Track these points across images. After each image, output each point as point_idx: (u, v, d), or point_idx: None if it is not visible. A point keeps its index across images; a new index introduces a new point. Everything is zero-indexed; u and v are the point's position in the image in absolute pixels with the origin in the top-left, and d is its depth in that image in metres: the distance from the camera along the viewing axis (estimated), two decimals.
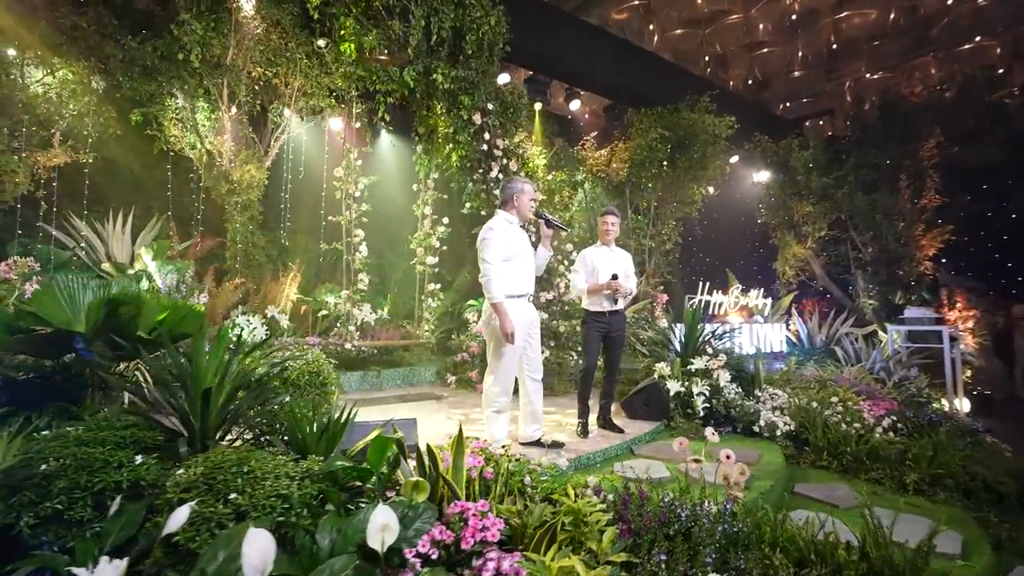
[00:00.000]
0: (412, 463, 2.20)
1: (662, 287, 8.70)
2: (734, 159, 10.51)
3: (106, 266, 5.75)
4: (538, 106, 7.92)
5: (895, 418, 4.08)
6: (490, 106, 5.80)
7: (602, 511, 1.93)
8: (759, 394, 4.69)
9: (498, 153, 6.05)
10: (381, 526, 1.47)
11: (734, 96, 11.80)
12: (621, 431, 4.04)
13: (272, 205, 6.81)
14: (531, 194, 3.44)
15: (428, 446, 2.16)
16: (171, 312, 2.54)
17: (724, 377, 4.51)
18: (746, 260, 11.76)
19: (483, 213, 6.10)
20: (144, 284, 5.64)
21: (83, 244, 5.95)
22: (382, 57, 5.32)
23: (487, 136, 5.90)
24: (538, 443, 3.58)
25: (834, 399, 4.28)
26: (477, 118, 5.76)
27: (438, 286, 6.88)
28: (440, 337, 6.93)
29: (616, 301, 3.98)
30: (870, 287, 9.14)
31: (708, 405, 4.37)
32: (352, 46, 4.83)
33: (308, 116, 6.57)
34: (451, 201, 7.35)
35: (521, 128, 6.40)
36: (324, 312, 6.93)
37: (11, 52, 5.07)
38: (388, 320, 7.57)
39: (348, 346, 6.02)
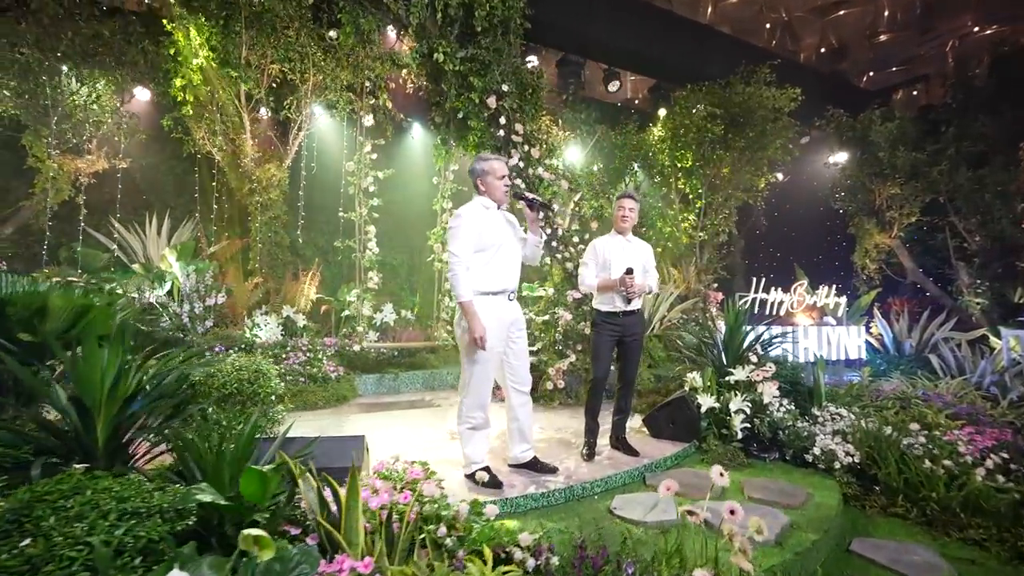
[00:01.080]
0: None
1: (715, 284, 7.76)
2: (804, 140, 9.25)
3: (135, 267, 5.92)
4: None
5: (1007, 454, 3.07)
6: (505, 88, 5.31)
7: None
8: (817, 413, 3.83)
9: (517, 139, 5.55)
10: None
11: (803, 69, 10.44)
12: (635, 454, 3.39)
13: (298, 204, 6.77)
14: (500, 171, 2.88)
15: (326, 477, 1.72)
16: (91, 312, 2.31)
17: (769, 390, 3.70)
18: (819, 253, 10.36)
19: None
20: (168, 284, 5.76)
21: (120, 246, 6.21)
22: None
23: (503, 121, 5.41)
24: (529, 466, 3.06)
25: (914, 425, 3.32)
26: (492, 101, 5.30)
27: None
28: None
29: (631, 300, 3.34)
30: (977, 282, 7.60)
31: (749, 425, 3.60)
32: (349, 30, 4.53)
33: (325, 111, 6.44)
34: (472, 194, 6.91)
35: (545, 112, 5.84)
36: (347, 312, 6.77)
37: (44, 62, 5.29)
38: (414, 320, 7.32)
39: (356, 347, 5.77)
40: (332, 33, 5.52)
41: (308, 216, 6.73)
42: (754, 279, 7.31)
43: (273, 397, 2.67)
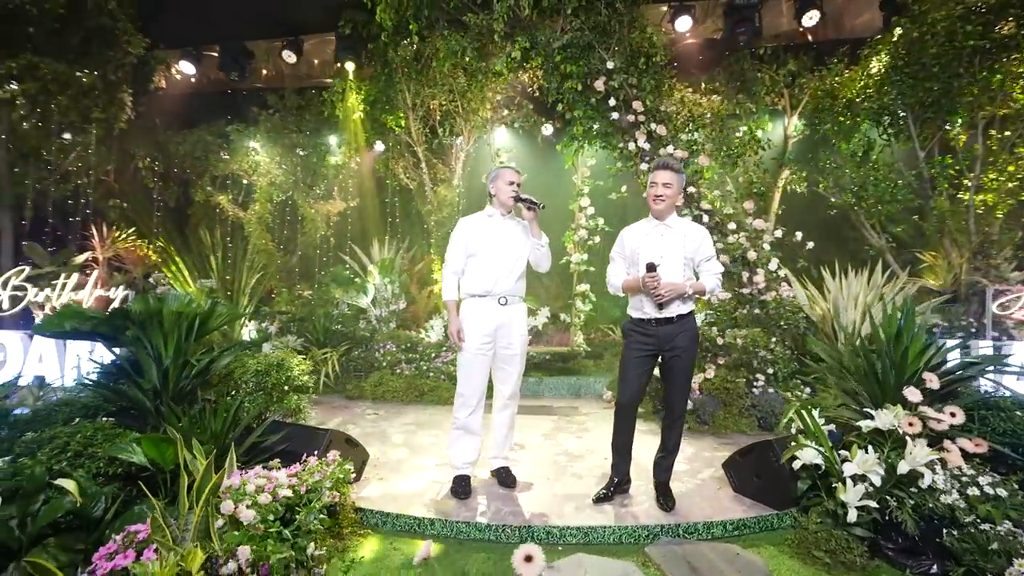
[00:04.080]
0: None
1: (1015, 268, 4.88)
2: None
3: (357, 280, 7.78)
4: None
5: None
6: (611, 65, 4.73)
7: None
8: None
9: (637, 118, 4.86)
10: None
11: None
12: (666, 508, 2.56)
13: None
14: (509, 178, 2.86)
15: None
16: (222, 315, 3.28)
17: (922, 452, 2.18)
18: None
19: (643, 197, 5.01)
20: (371, 293, 7.35)
21: (359, 264, 8.27)
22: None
23: (612, 103, 4.83)
24: (496, 475, 2.94)
25: None
26: (599, 84, 4.81)
27: (587, 286, 6.05)
28: (598, 345, 6.08)
29: (662, 305, 2.56)
30: None
31: (878, 505, 2.21)
32: (444, 55, 4.89)
33: (479, 131, 7.02)
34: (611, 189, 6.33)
35: (668, 77, 4.91)
36: None
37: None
38: (572, 325, 7.18)
39: None
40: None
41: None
42: None
43: (286, 387, 3.20)
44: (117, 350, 2.94)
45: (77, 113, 5.81)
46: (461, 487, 2.71)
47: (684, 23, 5.75)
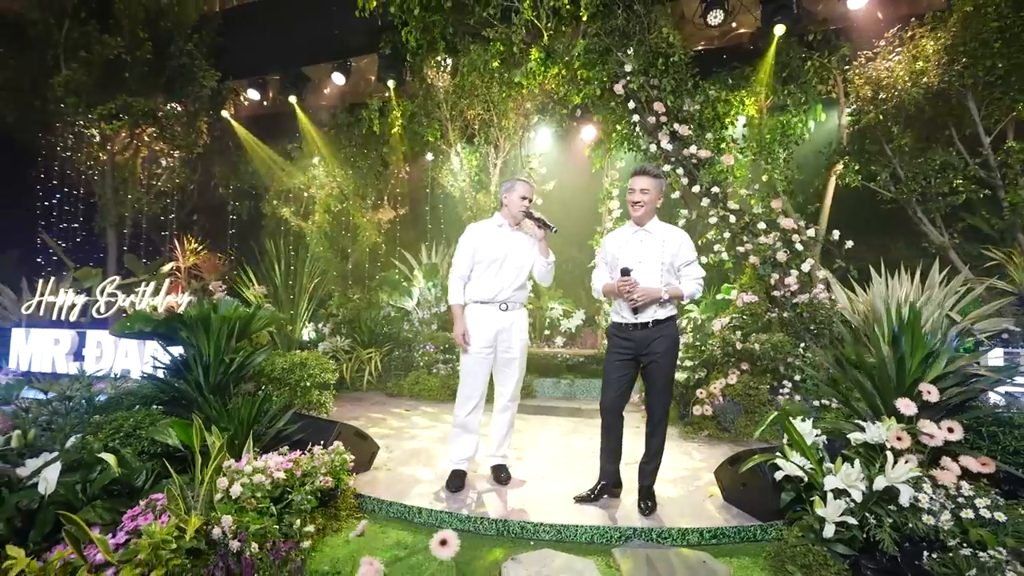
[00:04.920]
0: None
1: None
2: None
3: (404, 284, 8.24)
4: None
5: None
6: (628, 68, 4.72)
7: None
8: None
9: (659, 119, 4.81)
10: None
11: None
12: (645, 512, 2.59)
13: None
14: (522, 192, 2.97)
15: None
16: (262, 319, 3.74)
17: (903, 468, 2.06)
18: None
19: (675, 196, 4.96)
20: (416, 296, 7.76)
21: (404, 270, 8.76)
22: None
23: (632, 105, 4.81)
24: (494, 471, 3.10)
25: None
26: (618, 88, 4.82)
27: None
28: None
29: (637, 309, 2.61)
30: None
31: (861, 521, 2.12)
32: (468, 70, 5.11)
33: (512, 139, 7.18)
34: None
35: (692, 75, 4.79)
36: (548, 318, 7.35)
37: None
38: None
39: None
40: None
41: None
42: None
43: (308, 384, 3.54)
44: (172, 349, 3.45)
45: (164, 141, 6.71)
46: (455, 481, 2.89)
47: (717, 16, 5.55)
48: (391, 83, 7.12)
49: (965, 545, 1.89)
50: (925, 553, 1.93)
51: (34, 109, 6.13)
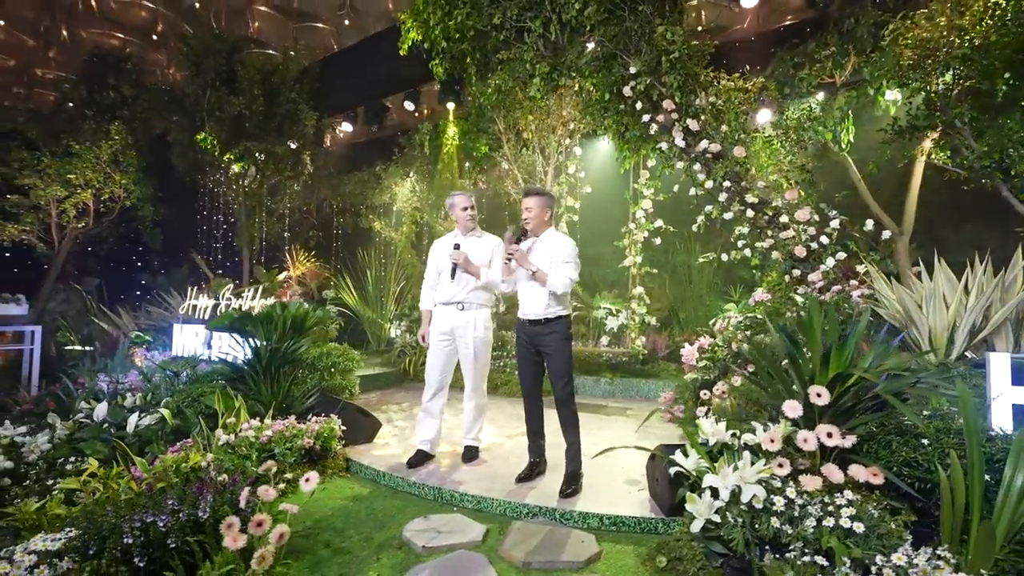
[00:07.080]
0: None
1: None
2: None
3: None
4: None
5: None
6: (633, 69, 4.77)
7: None
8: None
9: (669, 116, 4.79)
10: None
11: None
12: (563, 494, 2.82)
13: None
14: (462, 204, 3.40)
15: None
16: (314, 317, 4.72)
17: (751, 470, 2.03)
18: None
19: (695, 193, 4.89)
20: None
21: None
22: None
23: (639, 106, 4.84)
24: (465, 451, 3.51)
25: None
26: (627, 91, 4.90)
27: (640, 290, 5.92)
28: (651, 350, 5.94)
29: (531, 305, 3.03)
30: None
31: (718, 519, 2.16)
32: (492, 91, 5.57)
33: (556, 147, 7.43)
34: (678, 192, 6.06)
35: (702, 68, 4.66)
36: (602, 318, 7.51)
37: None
38: (657, 327, 7.06)
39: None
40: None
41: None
42: None
43: (332, 370, 4.30)
44: (242, 340, 4.51)
45: (278, 173, 8.33)
46: (415, 458, 3.36)
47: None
48: (450, 105, 7.89)
49: (809, 551, 1.87)
50: (768, 556, 1.94)
51: (191, 161, 8.16)
